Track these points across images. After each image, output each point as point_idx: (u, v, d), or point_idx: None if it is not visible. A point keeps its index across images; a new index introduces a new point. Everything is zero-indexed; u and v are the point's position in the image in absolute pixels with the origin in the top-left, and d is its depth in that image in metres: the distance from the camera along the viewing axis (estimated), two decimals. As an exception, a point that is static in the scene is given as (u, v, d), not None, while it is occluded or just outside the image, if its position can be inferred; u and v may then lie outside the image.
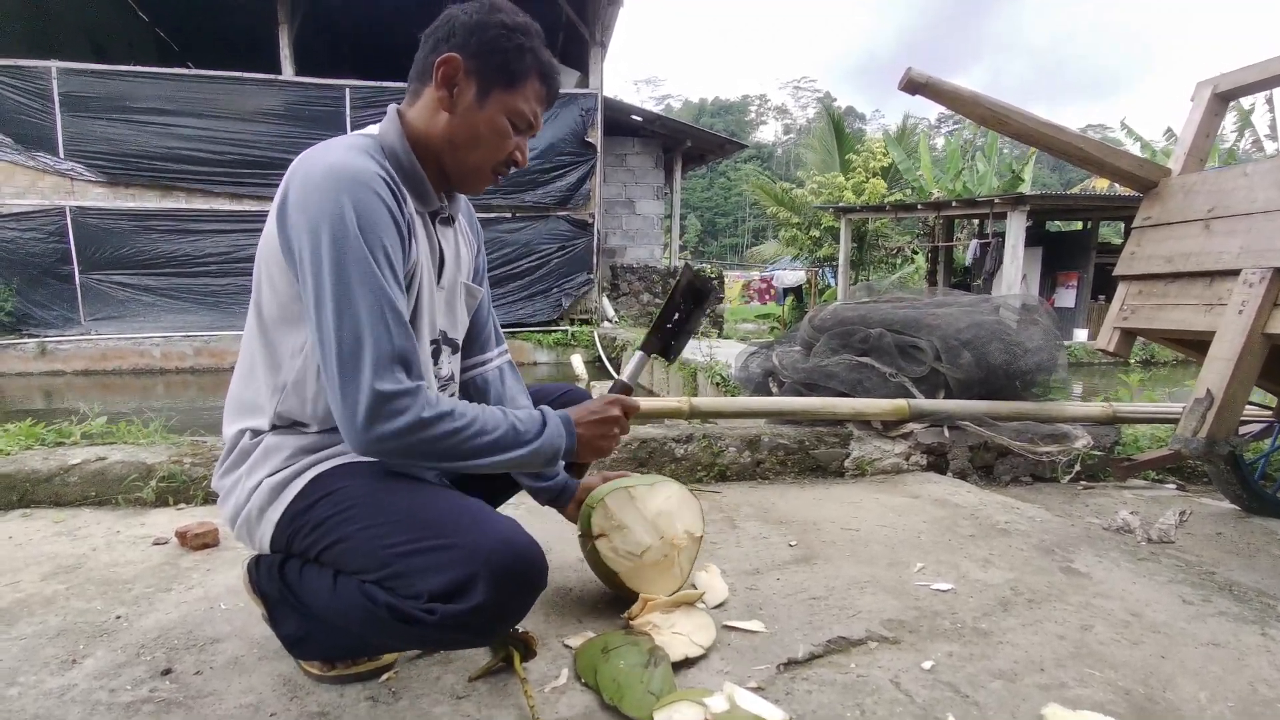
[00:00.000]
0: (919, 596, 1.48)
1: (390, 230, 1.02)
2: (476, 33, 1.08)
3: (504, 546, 0.96)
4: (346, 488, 1.05)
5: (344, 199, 0.98)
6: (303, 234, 0.99)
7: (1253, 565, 1.91)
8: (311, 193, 0.99)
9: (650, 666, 1.11)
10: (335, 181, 0.99)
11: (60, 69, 9.49)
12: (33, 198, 9.66)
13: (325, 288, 0.97)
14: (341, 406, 0.96)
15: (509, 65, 1.09)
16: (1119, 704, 1.10)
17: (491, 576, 0.94)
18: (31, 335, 9.65)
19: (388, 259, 1.00)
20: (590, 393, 1.63)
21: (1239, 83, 2.06)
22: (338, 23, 12.11)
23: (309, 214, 0.98)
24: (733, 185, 50.08)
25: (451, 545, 0.96)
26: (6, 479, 2.00)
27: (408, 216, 1.07)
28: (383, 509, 1.02)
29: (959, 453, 2.61)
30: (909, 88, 1.94)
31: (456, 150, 1.12)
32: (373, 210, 0.99)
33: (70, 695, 1.10)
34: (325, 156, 1.02)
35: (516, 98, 1.11)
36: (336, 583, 1.03)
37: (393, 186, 1.04)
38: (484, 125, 1.11)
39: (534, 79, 1.12)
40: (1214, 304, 1.91)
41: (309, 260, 0.98)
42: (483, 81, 1.09)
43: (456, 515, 1.00)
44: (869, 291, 3.47)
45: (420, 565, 0.96)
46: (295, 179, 1.02)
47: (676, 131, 13.80)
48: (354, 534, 1.01)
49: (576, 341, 10.67)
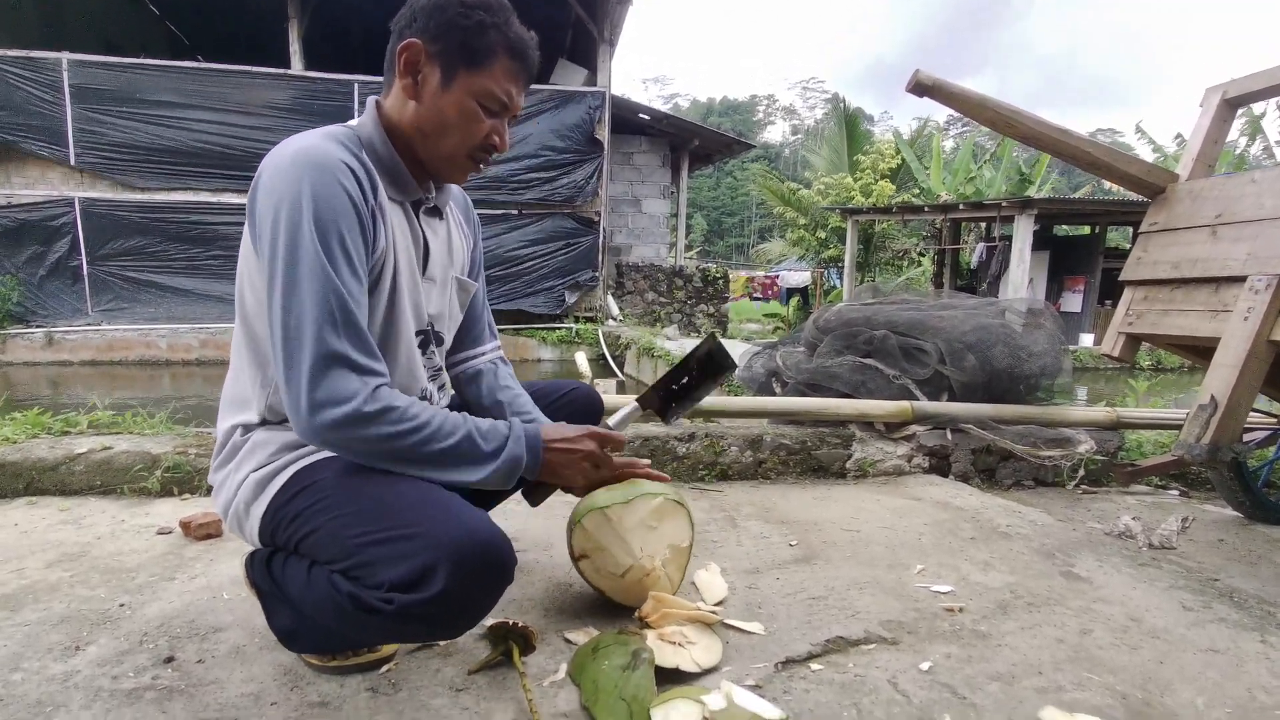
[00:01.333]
0: (918, 598, 1.48)
1: (349, 216, 0.99)
2: (435, 14, 1.05)
3: (466, 536, 0.94)
4: (324, 480, 1.05)
5: (303, 184, 0.97)
6: (265, 219, 0.98)
7: (1254, 573, 1.90)
8: (276, 178, 0.99)
9: (629, 669, 1.07)
10: (299, 166, 0.98)
11: (70, 61, 9.53)
12: (42, 189, 9.72)
13: (277, 274, 0.96)
14: (286, 395, 0.96)
15: (470, 44, 1.05)
16: (1116, 708, 1.10)
17: (451, 566, 0.91)
18: (39, 325, 9.71)
19: (342, 246, 0.98)
20: (597, 390, 1.64)
21: (1248, 89, 2.05)
22: (346, 18, 12.12)
23: (271, 198, 0.98)
24: (739, 185, 49.99)
25: (414, 535, 0.94)
26: (13, 467, 2.02)
27: (373, 204, 1.05)
28: (353, 499, 1.01)
29: (961, 455, 2.60)
30: (916, 89, 1.94)
31: (427, 139, 1.10)
32: (330, 196, 0.98)
33: (73, 681, 1.11)
34: (296, 142, 1.01)
35: (484, 78, 1.07)
36: (310, 574, 1.03)
37: (358, 173, 1.02)
38: (452, 110, 1.07)
39: (502, 57, 1.08)
40: (1219, 310, 1.90)
41: (266, 245, 0.98)
42: (445, 64, 1.06)
43: (423, 506, 0.98)
44: (874, 293, 3.46)
45: (382, 555, 0.95)
46: (266, 165, 1.02)
47: (684, 130, 13.78)
48: (325, 524, 1.01)
49: (581, 339, 10.68)
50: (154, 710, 1.04)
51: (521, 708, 1.06)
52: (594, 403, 1.56)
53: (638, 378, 9.18)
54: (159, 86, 9.82)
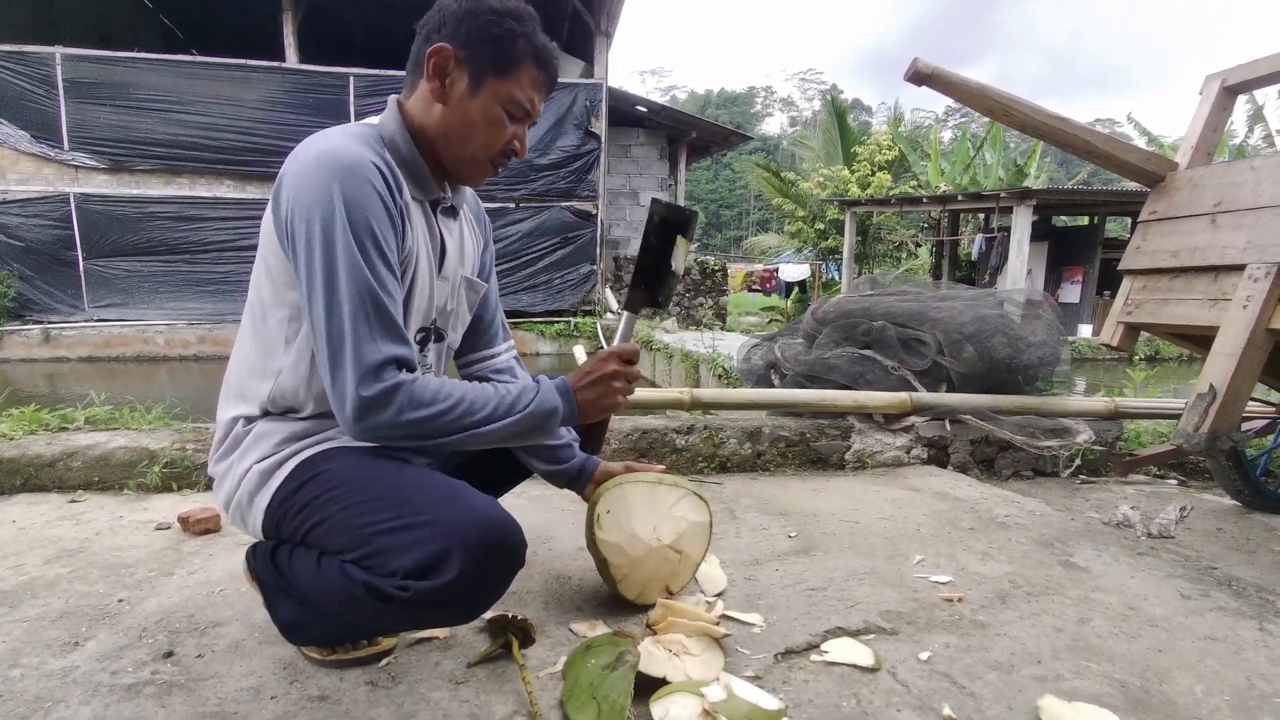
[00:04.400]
0: (917, 588, 1.48)
1: (382, 217, 1.01)
2: (466, 20, 1.06)
3: (479, 522, 0.96)
4: (331, 470, 1.06)
5: (334, 186, 0.98)
6: (296, 221, 0.99)
7: (1252, 561, 1.91)
8: (304, 179, 0.99)
9: (610, 670, 1.06)
10: (327, 168, 0.99)
11: (65, 55, 9.48)
12: (37, 184, 9.68)
13: (316, 278, 0.98)
14: (333, 398, 0.99)
15: (501, 52, 1.07)
16: (1115, 696, 1.10)
17: (465, 551, 0.93)
18: (36, 322, 9.69)
19: (377, 247, 1.00)
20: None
21: (1248, 76, 2.04)
22: (341, 11, 12.06)
23: (302, 201, 0.99)
24: (737, 177, 49.94)
25: (426, 522, 0.96)
26: (10, 463, 2.01)
27: (401, 204, 1.07)
28: (363, 489, 1.02)
29: (960, 446, 2.60)
30: (915, 79, 1.92)
31: (451, 142, 1.11)
32: (363, 197, 0.99)
33: (72, 677, 1.11)
34: (321, 143, 1.02)
35: (511, 85, 1.09)
36: (320, 564, 1.04)
37: (385, 173, 1.03)
38: (478, 115, 1.09)
39: (529, 65, 1.09)
40: (1219, 299, 1.90)
41: (302, 249, 0.99)
42: (474, 70, 1.07)
43: (434, 493, 1.00)
44: (872, 285, 3.46)
45: (396, 543, 0.96)
46: (292, 165, 1.02)
47: (681, 123, 13.75)
48: (335, 514, 1.02)
49: (579, 332, 10.68)
50: (153, 705, 1.04)
51: (521, 700, 1.06)
52: None
53: (636, 371, 9.17)
54: (154, 80, 9.78)
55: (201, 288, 10.20)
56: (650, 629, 1.25)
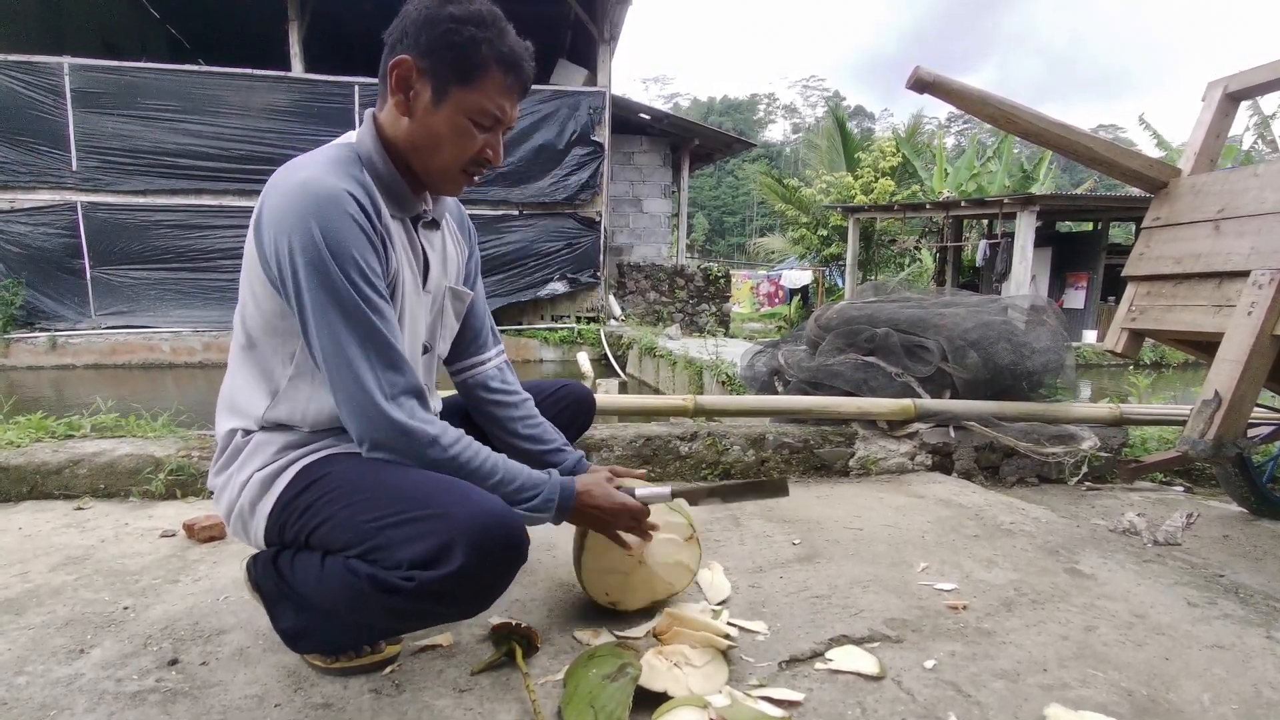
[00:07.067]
0: (922, 596, 1.47)
1: (365, 247, 1.02)
2: (426, 29, 1.04)
3: (483, 514, 0.97)
4: (333, 472, 1.07)
5: (312, 223, 0.98)
6: (282, 255, 1.00)
7: (1259, 568, 1.90)
8: (283, 212, 1.00)
9: (609, 680, 1.05)
10: (303, 203, 0.99)
11: (72, 65, 9.56)
12: (44, 193, 9.74)
13: (310, 319, 1.01)
14: (348, 424, 1.05)
15: (463, 60, 1.04)
16: (1122, 705, 1.09)
17: (469, 541, 0.94)
18: (43, 329, 9.73)
19: (365, 279, 1.01)
20: (592, 389, 1.64)
21: (1250, 82, 2.04)
22: (347, 20, 12.13)
23: (284, 235, 0.99)
24: (740, 184, 49.95)
25: (430, 515, 0.97)
26: (17, 471, 2.02)
27: (381, 228, 1.07)
28: (366, 487, 1.03)
29: (964, 453, 2.60)
30: (917, 86, 1.93)
31: (420, 154, 1.09)
32: (343, 231, 0.99)
33: (77, 684, 1.11)
34: (297, 174, 1.02)
35: (476, 94, 1.06)
36: (324, 564, 1.04)
37: (362, 200, 1.03)
38: (444, 127, 1.07)
39: (494, 71, 1.06)
40: (1223, 305, 1.90)
41: (290, 286, 1.01)
42: (437, 81, 1.05)
43: (438, 490, 1.01)
44: (876, 291, 3.46)
45: (400, 536, 0.97)
46: (270, 196, 1.03)
47: (684, 130, 13.79)
48: (338, 512, 1.03)
49: (583, 339, 10.68)
50: (158, 713, 1.04)
51: (525, 708, 1.06)
52: (586, 401, 1.58)
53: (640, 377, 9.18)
54: (160, 90, 9.85)
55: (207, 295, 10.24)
56: (656, 637, 1.24)
